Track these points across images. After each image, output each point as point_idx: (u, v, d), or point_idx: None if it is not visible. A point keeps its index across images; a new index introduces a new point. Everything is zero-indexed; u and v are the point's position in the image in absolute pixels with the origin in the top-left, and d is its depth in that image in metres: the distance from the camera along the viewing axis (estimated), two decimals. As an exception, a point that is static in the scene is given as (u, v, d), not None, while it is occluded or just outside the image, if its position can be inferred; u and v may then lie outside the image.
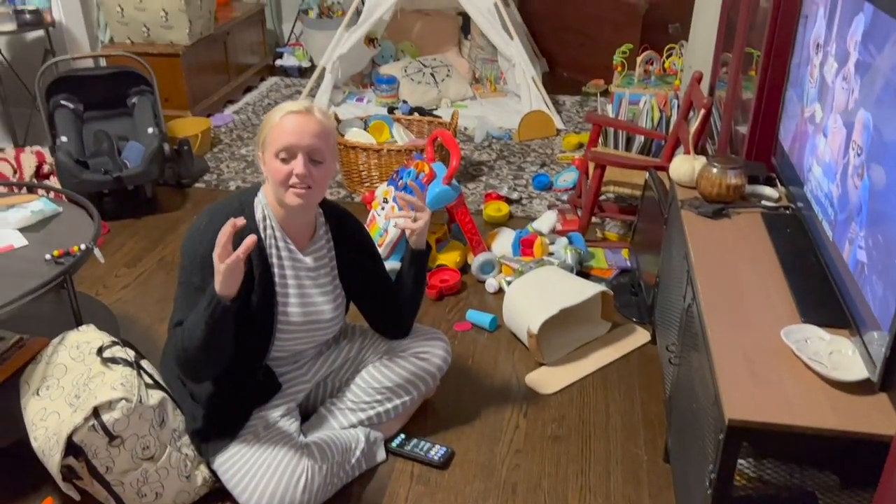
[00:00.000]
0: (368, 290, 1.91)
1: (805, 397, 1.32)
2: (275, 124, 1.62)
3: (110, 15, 3.92)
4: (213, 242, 1.61)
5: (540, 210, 3.26)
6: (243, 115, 4.35)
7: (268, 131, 1.64)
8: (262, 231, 1.71)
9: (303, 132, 1.61)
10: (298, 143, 1.61)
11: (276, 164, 1.62)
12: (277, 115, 1.63)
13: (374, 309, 1.94)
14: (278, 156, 1.61)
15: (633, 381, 2.26)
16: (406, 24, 4.92)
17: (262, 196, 1.73)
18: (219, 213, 1.67)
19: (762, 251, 1.78)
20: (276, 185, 1.64)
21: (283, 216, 1.72)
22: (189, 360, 1.61)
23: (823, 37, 1.77)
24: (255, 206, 1.72)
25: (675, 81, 3.60)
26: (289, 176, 1.61)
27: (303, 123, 1.61)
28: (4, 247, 2.00)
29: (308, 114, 1.63)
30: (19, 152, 3.28)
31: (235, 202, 1.71)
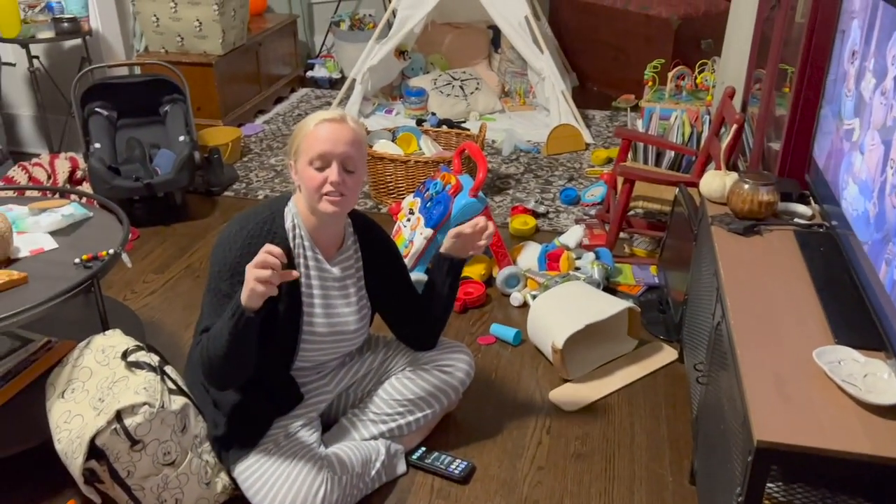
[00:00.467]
0: (394, 301, 1.90)
1: (838, 420, 1.28)
2: (309, 132, 1.63)
3: (146, 24, 3.98)
4: (242, 251, 1.62)
5: (567, 224, 3.24)
6: (273, 125, 4.39)
7: (301, 139, 1.64)
8: (291, 240, 1.71)
9: (337, 140, 1.61)
10: (333, 151, 1.61)
11: (310, 171, 1.62)
12: (311, 123, 1.64)
13: (399, 320, 1.93)
14: (312, 164, 1.62)
15: (659, 399, 2.21)
16: (436, 37, 4.94)
17: (293, 205, 1.73)
18: (249, 222, 1.68)
19: (794, 270, 1.74)
20: (310, 193, 1.64)
21: (314, 225, 1.72)
22: (213, 368, 1.61)
23: (861, 52, 1.74)
24: (285, 214, 1.72)
25: (706, 97, 3.56)
26: (323, 183, 1.62)
27: (337, 131, 1.62)
28: (35, 249, 2.03)
29: (342, 122, 1.64)
30: (54, 158, 3.34)
31: (266, 211, 1.72)
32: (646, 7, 4.60)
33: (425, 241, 2.69)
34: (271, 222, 1.68)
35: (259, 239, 1.65)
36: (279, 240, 1.68)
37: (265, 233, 1.67)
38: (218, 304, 1.63)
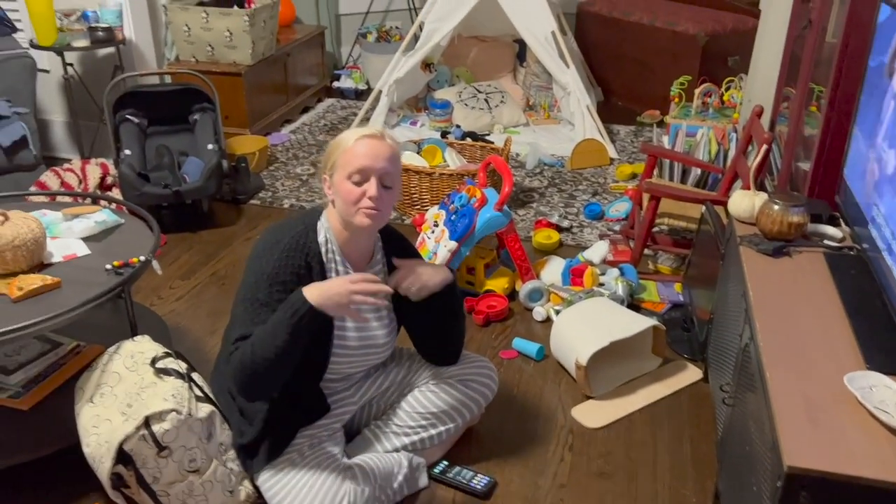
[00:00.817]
0: (419, 316, 1.91)
1: (870, 448, 1.27)
2: (348, 148, 1.65)
3: (177, 34, 4.05)
4: (279, 262, 1.64)
5: (591, 239, 3.23)
6: (300, 134, 4.43)
7: (339, 154, 1.66)
8: (324, 254, 1.73)
9: (377, 156, 1.64)
10: (373, 166, 1.63)
11: (348, 185, 1.64)
12: (351, 138, 1.66)
13: (423, 334, 1.94)
14: (351, 178, 1.64)
15: (683, 419, 2.20)
16: (462, 50, 4.96)
17: (325, 220, 1.75)
18: (285, 235, 1.70)
19: (825, 293, 1.73)
20: (347, 206, 1.65)
21: (346, 239, 1.74)
22: (255, 373, 1.60)
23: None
24: (318, 229, 1.74)
25: (733, 114, 3.55)
26: (360, 197, 1.64)
27: (377, 147, 1.65)
28: (68, 255, 2.06)
29: (381, 139, 1.67)
30: (85, 164, 3.39)
31: (300, 224, 1.73)
32: (672, 23, 4.59)
33: (449, 254, 2.70)
34: (305, 236, 1.70)
35: (295, 252, 1.67)
36: (313, 254, 1.70)
37: (300, 246, 1.69)
38: (254, 313, 1.65)
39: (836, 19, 2.28)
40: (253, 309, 1.66)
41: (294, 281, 1.66)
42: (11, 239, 1.89)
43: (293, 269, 1.66)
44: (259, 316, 1.63)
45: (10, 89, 3.37)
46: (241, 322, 1.68)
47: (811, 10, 2.57)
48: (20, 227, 1.92)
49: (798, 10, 2.92)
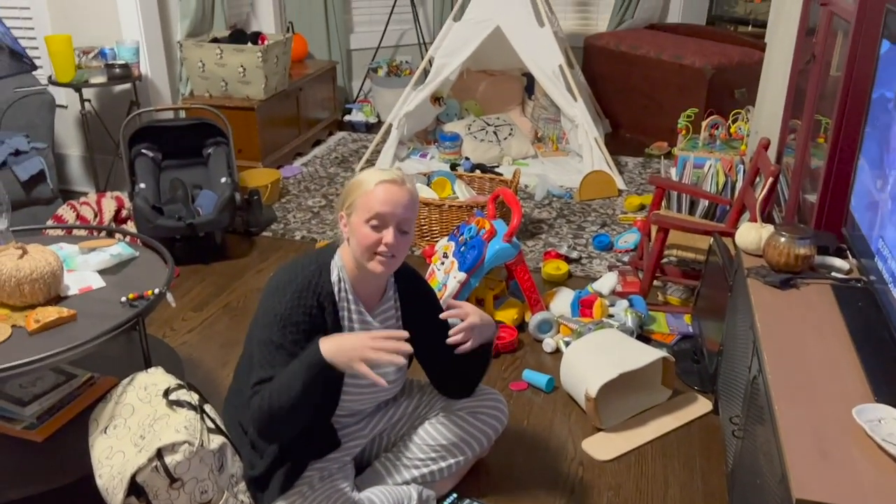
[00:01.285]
0: (432, 351, 1.91)
1: (879, 481, 1.27)
2: (369, 191, 1.65)
3: (192, 70, 4.13)
4: (291, 303, 1.67)
5: (600, 270, 3.25)
6: (311, 167, 4.49)
7: (358, 195, 1.66)
8: (336, 293, 1.74)
9: (397, 203, 1.64)
10: (392, 213, 1.64)
11: (366, 229, 1.65)
12: (371, 181, 1.65)
13: (437, 368, 1.94)
14: (369, 222, 1.64)
15: (694, 451, 2.19)
16: (471, 84, 5.03)
17: (338, 258, 1.76)
18: (297, 275, 1.71)
19: (832, 325, 1.74)
20: (362, 250, 1.67)
21: (358, 278, 1.75)
22: (273, 420, 1.63)
23: (898, 109, 1.75)
24: (331, 268, 1.75)
25: (741, 146, 3.58)
26: (377, 244, 1.65)
27: (397, 194, 1.65)
28: (84, 288, 2.10)
29: (401, 185, 1.66)
30: (101, 197, 3.45)
31: (313, 263, 1.75)
32: (679, 57, 4.65)
33: (459, 285, 2.72)
34: (318, 276, 1.72)
35: (306, 292, 1.69)
36: (325, 293, 1.71)
37: (312, 286, 1.70)
38: (270, 355, 1.67)
39: (840, 53, 2.31)
40: (268, 350, 1.67)
41: (306, 321, 1.68)
42: (29, 272, 1.93)
43: (305, 309, 1.68)
44: (275, 358, 1.65)
45: (29, 124, 3.45)
46: (258, 363, 1.69)
47: (814, 45, 2.61)
48: (38, 260, 1.96)
49: (802, 45, 2.96)
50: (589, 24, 5.62)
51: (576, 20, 5.63)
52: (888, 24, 1.88)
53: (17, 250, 1.96)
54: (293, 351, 1.66)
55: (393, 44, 5.53)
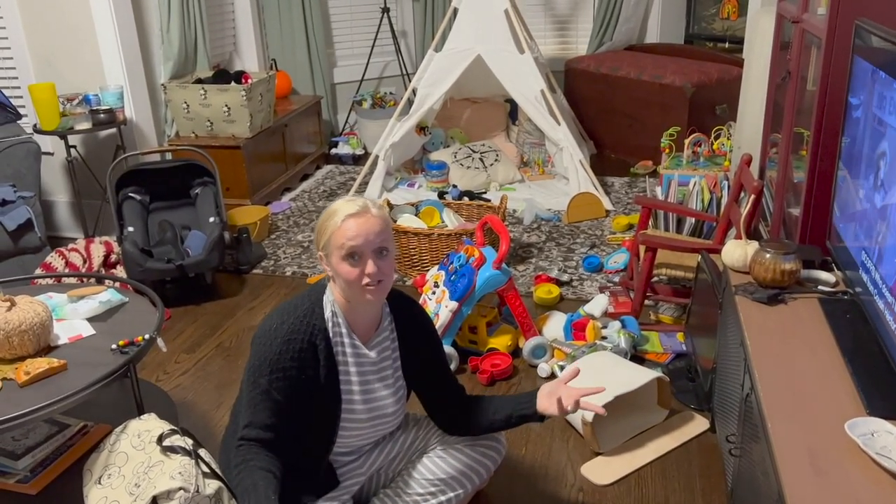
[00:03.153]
0: (430, 382, 1.90)
1: (874, 495, 1.27)
2: (337, 228, 1.64)
3: (176, 111, 4.16)
4: (282, 347, 1.67)
5: (591, 292, 3.25)
6: (300, 201, 4.51)
7: (329, 235, 1.66)
8: (330, 329, 1.74)
9: (366, 234, 1.64)
10: (365, 244, 1.64)
11: (345, 266, 1.65)
12: (337, 218, 1.65)
13: (434, 401, 1.93)
14: (346, 259, 1.65)
15: (693, 471, 2.18)
16: (455, 112, 5.08)
17: (329, 293, 1.76)
18: (290, 315, 1.71)
19: (821, 338, 1.74)
20: (349, 286, 1.67)
21: (350, 310, 1.75)
22: None
23: (878, 113, 1.77)
24: (324, 304, 1.75)
25: (724, 162, 3.61)
26: (360, 276, 1.65)
27: (365, 225, 1.64)
28: (74, 336, 2.09)
29: (366, 213, 1.65)
30: (89, 242, 3.45)
31: (306, 302, 1.74)
32: (659, 76, 4.71)
33: (451, 314, 2.72)
34: (311, 314, 1.72)
35: (299, 334, 1.69)
36: (318, 331, 1.71)
37: (305, 326, 1.70)
38: (255, 399, 1.67)
39: (814, 68, 2.35)
40: (256, 394, 1.68)
41: (295, 367, 1.67)
42: (18, 324, 1.92)
43: (294, 353, 1.67)
44: (259, 403, 1.66)
45: (15, 174, 3.46)
46: (247, 405, 1.69)
47: (789, 61, 2.65)
48: (26, 312, 1.95)
49: (777, 60, 3.01)
50: (569, 48, 5.69)
51: (555, 44, 5.71)
52: (862, 39, 1.91)
53: (5, 303, 1.95)
54: (277, 398, 1.67)
55: (376, 76, 5.59)
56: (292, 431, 1.72)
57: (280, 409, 1.68)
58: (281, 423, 1.69)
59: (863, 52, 1.89)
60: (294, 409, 1.70)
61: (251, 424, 1.67)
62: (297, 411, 1.70)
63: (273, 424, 1.68)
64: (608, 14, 5.32)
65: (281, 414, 1.68)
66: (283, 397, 1.68)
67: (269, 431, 1.68)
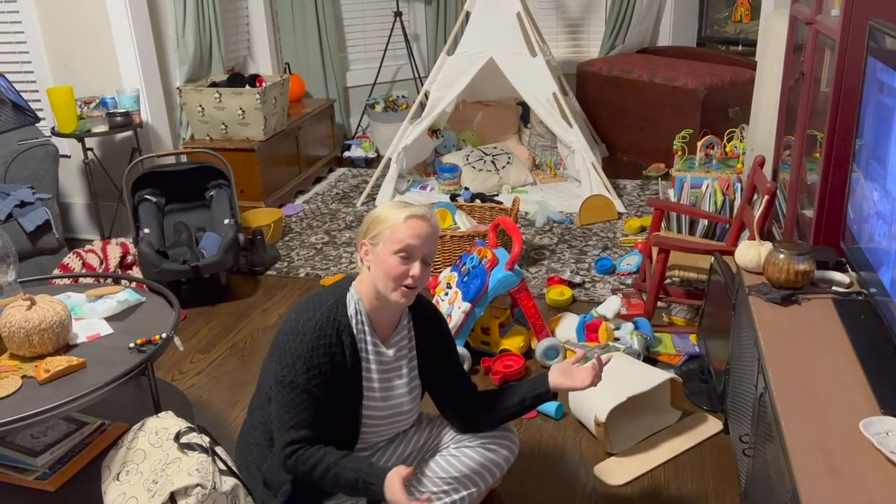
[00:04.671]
0: (444, 382, 1.92)
1: (890, 494, 1.27)
2: (398, 224, 1.68)
3: (192, 114, 4.20)
4: (314, 343, 1.69)
5: (604, 294, 3.26)
6: (313, 204, 4.54)
7: (386, 227, 1.69)
8: (354, 326, 1.76)
9: (426, 237, 1.69)
10: (420, 247, 1.69)
11: (394, 260, 1.68)
12: (401, 215, 1.69)
13: (448, 400, 1.95)
14: (398, 253, 1.68)
15: (706, 472, 2.18)
16: (467, 115, 5.10)
17: (354, 291, 1.78)
18: (316, 311, 1.73)
19: (835, 339, 1.74)
20: (388, 280, 1.70)
21: (375, 308, 1.77)
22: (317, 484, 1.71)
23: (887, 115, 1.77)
24: (347, 301, 1.77)
25: (737, 164, 3.61)
26: (404, 276, 1.68)
27: (425, 229, 1.70)
28: (92, 335, 2.12)
29: (428, 220, 1.72)
30: (106, 244, 3.49)
31: (330, 298, 1.76)
32: (671, 79, 4.71)
33: (463, 315, 2.73)
34: (335, 310, 1.74)
35: (327, 329, 1.71)
36: (343, 327, 1.73)
37: (332, 321, 1.72)
38: (295, 400, 1.68)
39: (828, 69, 2.35)
40: (294, 394, 1.68)
41: (327, 362, 1.69)
42: (38, 323, 1.95)
43: (325, 348, 1.69)
44: (301, 403, 1.67)
45: (33, 176, 3.51)
46: (282, 406, 1.69)
47: (803, 63, 2.65)
48: (46, 310, 1.98)
49: (790, 62, 3.01)
50: (581, 51, 5.70)
51: (567, 47, 5.72)
52: (876, 40, 1.91)
53: (26, 301, 1.98)
54: (317, 395, 1.69)
55: (389, 79, 5.61)
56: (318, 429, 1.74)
57: (320, 405, 1.70)
58: (321, 420, 1.71)
59: (877, 53, 1.89)
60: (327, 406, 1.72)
61: (298, 426, 1.68)
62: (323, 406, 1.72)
63: (317, 423, 1.69)
64: (620, 17, 5.32)
65: (321, 411, 1.70)
66: (323, 393, 1.69)
67: (315, 430, 1.69)
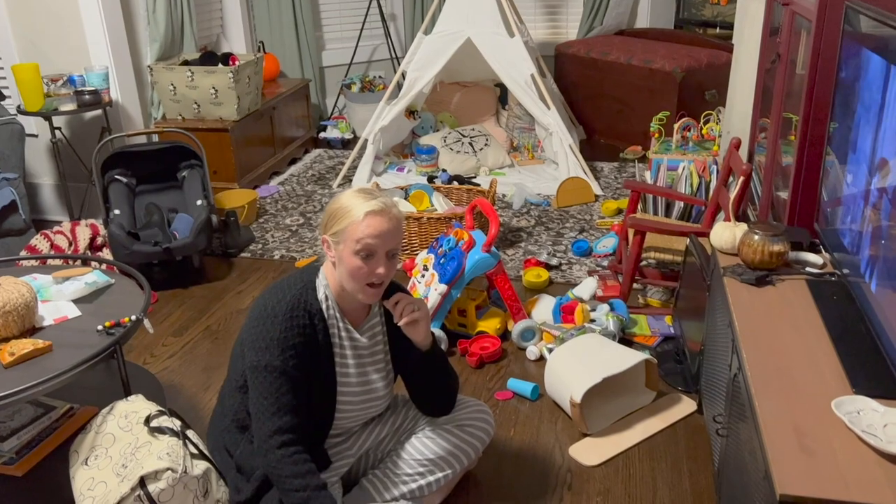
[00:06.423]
0: (413, 364, 1.91)
1: (861, 472, 1.28)
2: (356, 221, 1.63)
3: (163, 93, 4.11)
4: (285, 324, 1.66)
5: (580, 276, 3.26)
6: (288, 185, 4.48)
7: (346, 225, 1.64)
8: (325, 311, 1.73)
9: (386, 234, 1.64)
10: (381, 245, 1.64)
11: (356, 260, 1.64)
12: (359, 211, 1.63)
13: (418, 383, 1.94)
14: (358, 253, 1.64)
15: (681, 452, 2.20)
16: (445, 96, 5.05)
17: (322, 277, 1.75)
18: (286, 294, 1.70)
19: (808, 319, 1.75)
20: (353, 280, 1.66)
21: (343, 297, 1.75)
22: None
23: (862, 98, 1.78)
24: (316, 286, 1.74)
25: (713, 147, 3.62)
26: (369, 275, 1.65)
27: (385, 225, 1.64)
28: (59, 318, 2.07)
29: (387, 213, 1.65)
30: (75, 225, 3.42)
31: (299, 282, 1.73)
32: (649, 61, 4.70)
33: (440, 297, 2.71)
34: (305, 293, 1.71)
35: (299, 310, 1.68)
36: (315, 311, 1.71)
37: (303, 303, 1.69)
38: (273, 383, 1.65)
39: (804, 51, 2.35)
40: (273, 378, 1.65)
41: (302, 343, 1.67)
42: (2, 305, 1.90)
43: (299, 328, 1.67)
44: (280, 386, 1.64)
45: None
46: (260, 392, 1.66)
47: (779, 44, 2.65)
48: (10, 292, 1.93)
49: (767, 44, 3.01)
50: (559, 33, 5.67)
51: (546, 29, 5.68)
52: (851, 23, 1.91)
53: (-10, 283, 1.93)
54: (294, 375, 1.66)
55: (365, 59, 5.55)
56: None
57: (300, 388, 1.67)
58: (302, 404, 1.68)
59: (853, 35, 1.89)
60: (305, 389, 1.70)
61: (280, 411, 1.64)
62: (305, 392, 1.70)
63: (300, 407, 1.67)
64: (598, -2, 5.30)
65: (301, 393, 1.67)
66: (300, 374, 1.67)
67: (299, 415, 1.66)
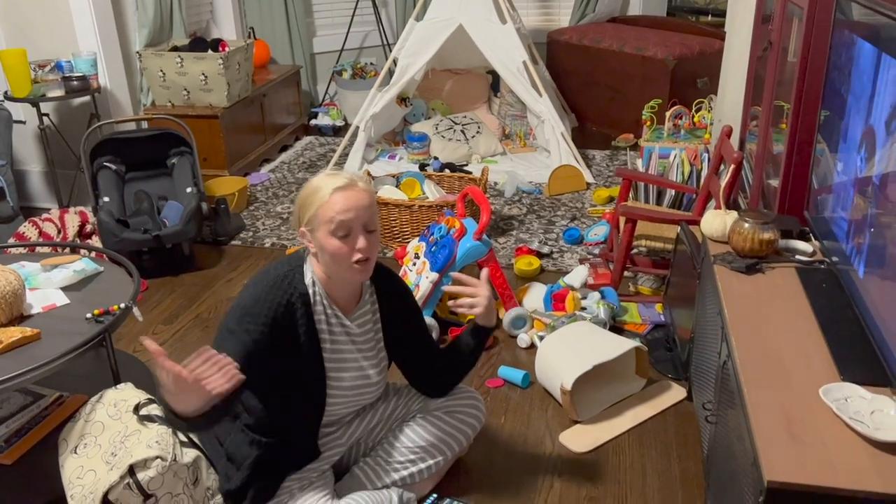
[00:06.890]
0: (411, 350, 1.90)
1: (848, 459, 1.29)
2: (325, 202, 1.60)
3: (152, 79, 4.08)
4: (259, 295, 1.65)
5: (571, 264, 3.26)
6: (279, 173, 4.46)
7: (316, 209, 1.61)
8: (311, 297, 1.71)
9: (357, 207, 1.60)
10: (356, 218, 1.61)
11: (334, 241, 1.61)
12: (325, 192, 1.61)
13: (415, 368, 1.93)
14: (335, 233, 1.61)
15: (670, 439, 2.21)
16: (437, 83, 5.03)
17: (308, 266, 1.73)
18: (270, 273, 1.69)
19: (798, 307, 1.76)
20: (338, 263, 1.63)
21: (331, 286, 1.72)
22: None
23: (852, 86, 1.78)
24: (304, 270, 1.73)
25: (704, 135, 3.61)
26: (350, 253, 1.61)
27: (353, 198, 1.61)
28: (48, 306, 2.06)
29: (354, 187, 1.62)
30: (63, 213, 3.39)
31: (285, 266, 1.71)
32: (641, 49, 4.69)
33: (431, 285, 2.71)
34: (291, 276, 1.69)
35: (278, 288, 1.66)
36: (298, 294, 1.68)
37: (286, 286, 1.67)
38: (224, 339, 1.62)
39: (795, 39, 2.35)
40: (222, 337, 1.63)
41: (268, 316, 1.63)
42: (-10, 293, 1.89)
43: (271, 303, 1.64)
44: (223, 344, 1.59)
45: (-14, 142, 3.38)
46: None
47: (771, 32, 2.64)
48: (-2, 280, 1.92)
49: (759, 32, 3.00)
50: (551, 20, 5.64)
51: (538, 16, 5.66)
52: (843, 11, 1.91)
53: (-24, 271, 1.92)
54: (244, 339, 1.60)
55: (356, 46, 5.51)
56: (282, 403, 1.71)
57: (250, 352, 1.59)
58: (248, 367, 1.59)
59: (844, 23, 1.88)
60: (279, 374, 1.68)
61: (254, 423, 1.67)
62: (283, 379, 1.69)
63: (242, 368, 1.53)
64: (591, -15, 5.28)
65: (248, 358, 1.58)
66: (252, 341, 1.60)
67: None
